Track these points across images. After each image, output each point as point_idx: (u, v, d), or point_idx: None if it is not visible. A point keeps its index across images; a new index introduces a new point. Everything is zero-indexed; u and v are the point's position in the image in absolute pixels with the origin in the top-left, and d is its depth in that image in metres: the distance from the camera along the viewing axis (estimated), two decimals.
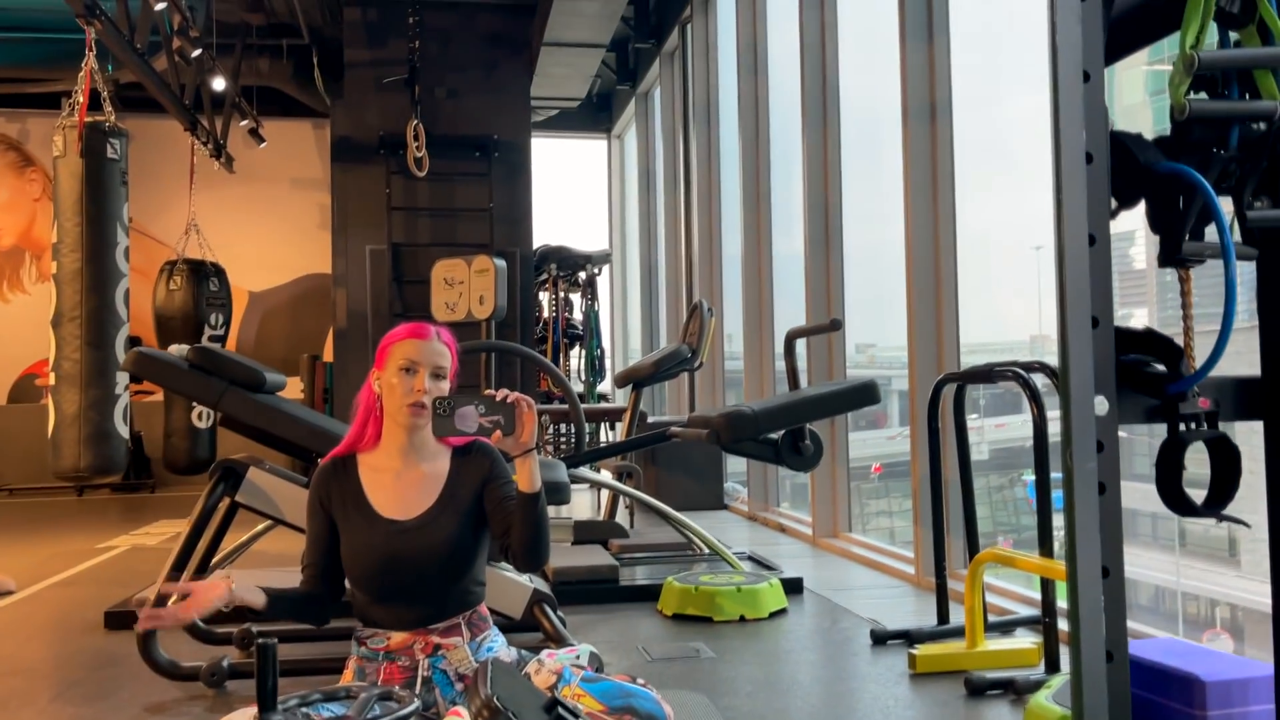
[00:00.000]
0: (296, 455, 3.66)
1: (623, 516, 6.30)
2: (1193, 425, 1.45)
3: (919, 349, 4.89)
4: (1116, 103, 4.37)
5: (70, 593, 5.08)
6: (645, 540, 5.69)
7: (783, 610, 4.30)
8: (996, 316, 5.33)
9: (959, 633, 3.51)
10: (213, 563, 3.66)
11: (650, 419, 7.40)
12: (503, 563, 3.40)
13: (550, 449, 8.48)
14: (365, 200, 8.80)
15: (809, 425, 4.31)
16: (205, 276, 7.94)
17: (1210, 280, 1.54)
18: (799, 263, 6.45)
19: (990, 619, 3.61)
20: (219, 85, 8.04)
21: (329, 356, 10.17)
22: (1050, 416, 3.10)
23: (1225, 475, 1.47)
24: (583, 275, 10.22)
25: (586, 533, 5.56)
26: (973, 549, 3.62)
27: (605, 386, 10.32)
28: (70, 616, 4.50)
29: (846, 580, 5.10)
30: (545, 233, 9.91)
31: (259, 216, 11.03)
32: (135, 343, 4.88)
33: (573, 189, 13.48)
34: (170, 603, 2.05)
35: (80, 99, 5.45)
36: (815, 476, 6.04)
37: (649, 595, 4.51)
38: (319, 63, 9.69)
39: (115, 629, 4.14)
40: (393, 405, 2.14)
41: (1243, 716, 2.30)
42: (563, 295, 10.17)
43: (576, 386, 9.60)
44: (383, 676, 2.10)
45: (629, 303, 12.69)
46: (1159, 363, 1.49)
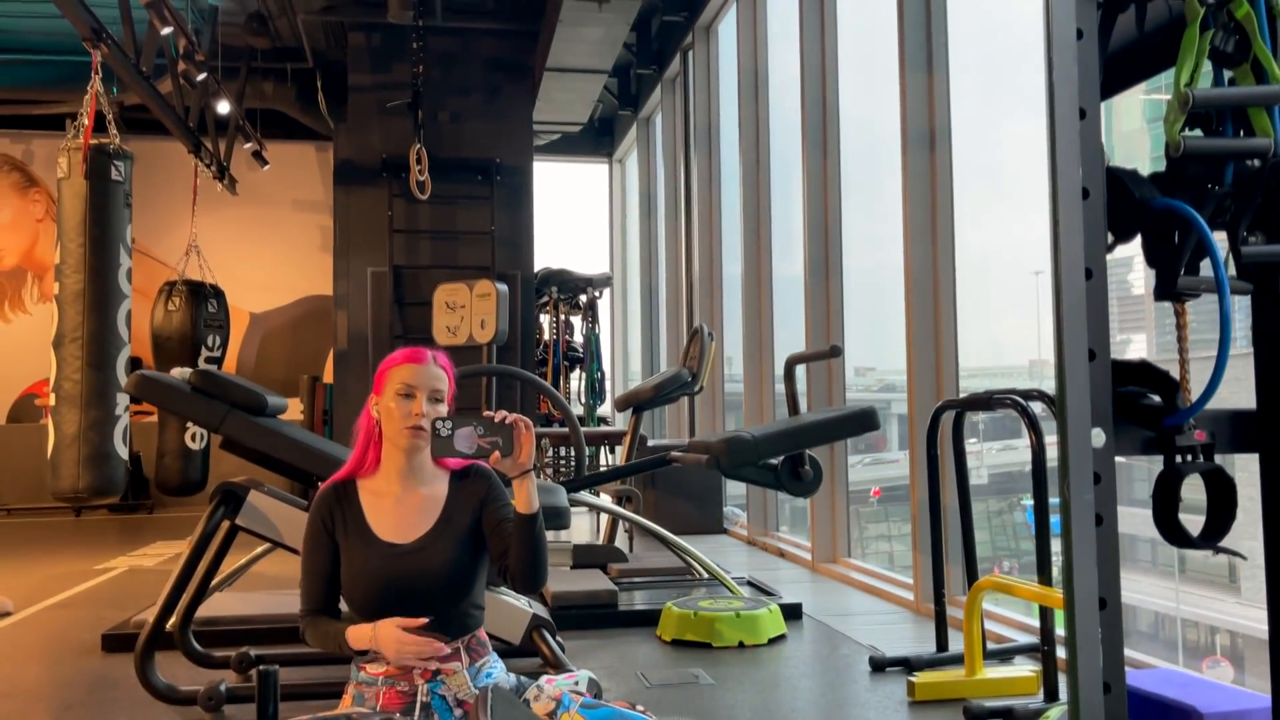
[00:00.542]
0: (297, 478, 3.66)
1: (622, 541, 6.29)
2: (1189, 457, 1.47)
3: (918, 374, 4.91)
4: (1115, 129, 4.40)
5: (68, 614, 5.07)
6: (644, 565, 5.68)
7: (782, 636, 4.29)
8: (996, 341, 5.35)
9: (958, 660, 3.50)
10: (211, 585, 3.65)
11: (650, 442, 7.40)
12: (502, 587, 3.39)
13: (550, 472, 8.48)
14: (367, 222, 8.85)
15: (808, 451, 4.32)
16: (204, 298, 7.97)
17: (1209, 306, 1.56)
18: (799, 286, 6.47)
19: (989, 646, 3.61)
20: (223, 108, 8.11)
21: (329, 378, 10.18)
22: (1049, 443, 3.11)
23: (1221, 507, 1.49)
24: (583, 298, 10.25)
25: (585, 557, 5.56)
26: (971, 576, 3.62)
27: (605, 410, 10.32)
28: (68, 638, 4.48)
29: (846, 606, 5.09)
30: (546, 256, 9.97)
31: (261, 238, 11.07)
32: (136, 364, 4.89)
33: (574, 212, 13.56)
34: None
35: (85, 121, 5.49)
36: (815, 501, 6.04)
37: (648, 620, 4.50)
38: (323, 86, 9.77)
39: (113, 651, 4.12)
40: (392, 429, 2.16)
41: None
42: (563, 318, 10.19)
43: (576, 409, 9.61)
44: (381, 702, 2.10)
45: (629, 326, 12.72)
46: (1155, 395, 1.50)
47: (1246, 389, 1.60)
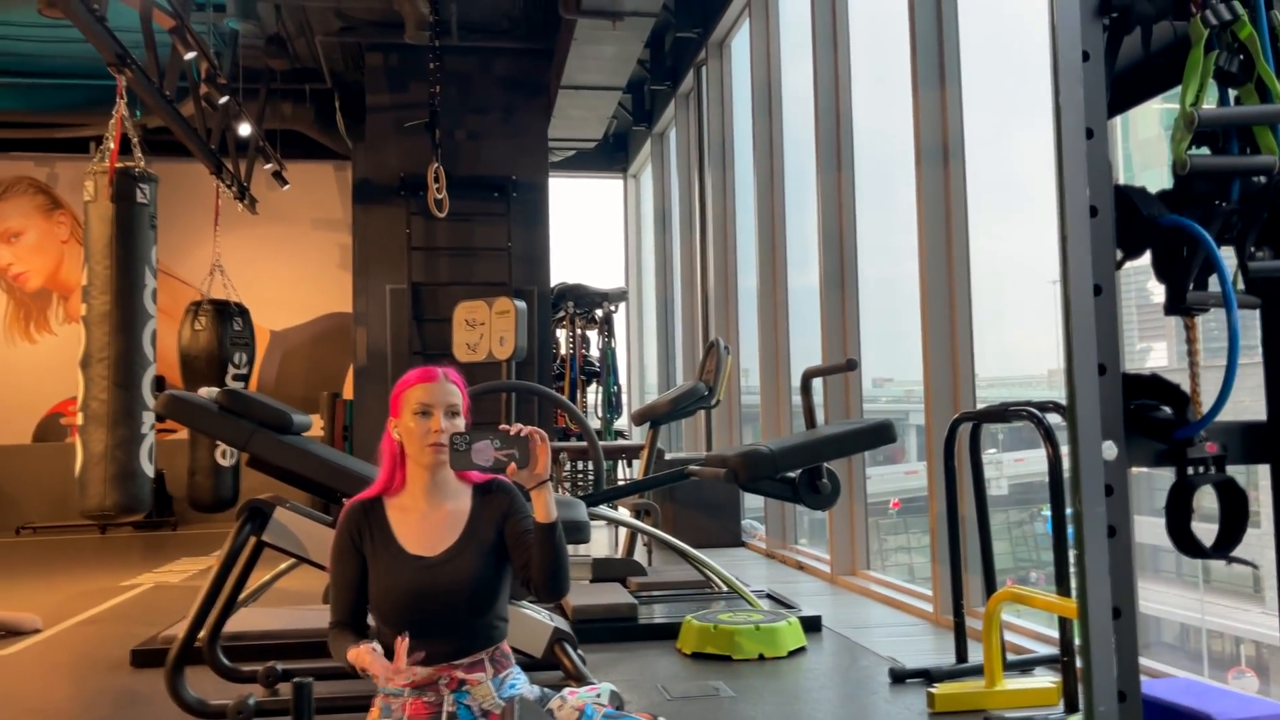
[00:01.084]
0: (322, 495, 3.72)
1: (641, 554, 6.31)
2: (1201, 469, 1.49)
3: (935, 385, 4.92)
4: (1133, 136, 4.41)
5: (96, 630, 5.13)
6: (664, 578, 5.69)
7: (801, 649, 4.30)
8: (1013, 350, 5.35)
9: (978, 671, 3.51)
10: (238, 600, 3.70)
11: (667, 456, 7.43)
12: (524, 601, 3.43)
13: (568, 486, 8.51)
14: (385, 240, 8.94)
15: (826, 464, 4.34)
16: (229, 317, 8.06)
17: (1221, 316, 1.57)
18: (815, 297, 6.49)
19: (1009, 658, 3.61)
20: (244, 130, 8.22)
21: (349, 394, 10.27)
22: (1065, 454, 3.11)
23: (1234, 518, 1.51)
24: (599, 313, 10.31)
25: (605, 570, 5.58)
26: (990, 587, 3.63)
27: (622, 423, 10.36)
28: (96, 655, 4.54)
29: (865, 618, 5.09)
30: (562, 271, 10.03)
31: (281, 257, 11.19)
32: (162, 383, 4.96)
33: (590, 228, 13.62)
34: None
35: (111, 145, 5.58)
36: (833, 513, 6.04)
37: (668, 633, 4.52)
38: (341, 106, 9.89)
39: (141, 667, 4.18)
40: (414, 448, 2.22)
41: None
42: (580, 333, 10.25)
43: (593, 424, 9.64)
44: (408, 712, 2.14)
45: (645, 340, 12.75)
46: (1167, 407, 1.53)
47: (1259, 398, 1.62)
